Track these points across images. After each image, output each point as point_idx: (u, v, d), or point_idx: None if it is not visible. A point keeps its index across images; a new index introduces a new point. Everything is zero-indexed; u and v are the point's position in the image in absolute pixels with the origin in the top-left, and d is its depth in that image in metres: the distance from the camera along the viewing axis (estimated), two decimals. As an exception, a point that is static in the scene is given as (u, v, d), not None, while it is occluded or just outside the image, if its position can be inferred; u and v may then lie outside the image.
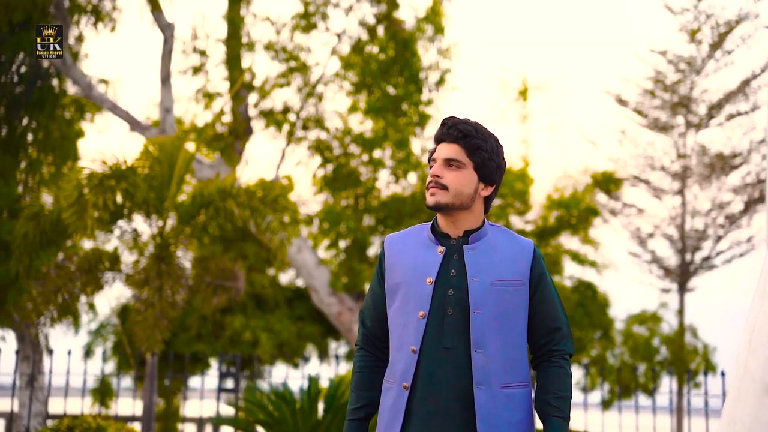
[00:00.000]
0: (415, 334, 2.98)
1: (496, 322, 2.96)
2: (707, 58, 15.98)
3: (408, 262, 3.08)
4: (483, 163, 3.03)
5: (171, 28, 14.84)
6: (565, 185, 18.29)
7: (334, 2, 17.02)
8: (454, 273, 3.01)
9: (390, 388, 3.04)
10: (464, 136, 3.02)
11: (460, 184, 3.02)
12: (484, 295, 2.97)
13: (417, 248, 3.09)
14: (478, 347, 2.94)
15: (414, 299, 3.01)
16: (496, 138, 3.09)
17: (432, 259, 3.04)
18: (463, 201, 3.03)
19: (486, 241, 3.06)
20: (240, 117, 16.75)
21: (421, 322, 2.98)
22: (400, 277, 3.07)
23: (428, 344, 2.97)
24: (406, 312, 3.02)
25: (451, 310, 2.98)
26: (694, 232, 16.28)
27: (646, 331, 17.53)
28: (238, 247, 11.17)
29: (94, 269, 9.66)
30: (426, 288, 3.00)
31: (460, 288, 2.99)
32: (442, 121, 3.09)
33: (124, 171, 9.31)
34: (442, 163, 3.04)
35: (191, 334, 16.35)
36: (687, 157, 16.33)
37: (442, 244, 3.08)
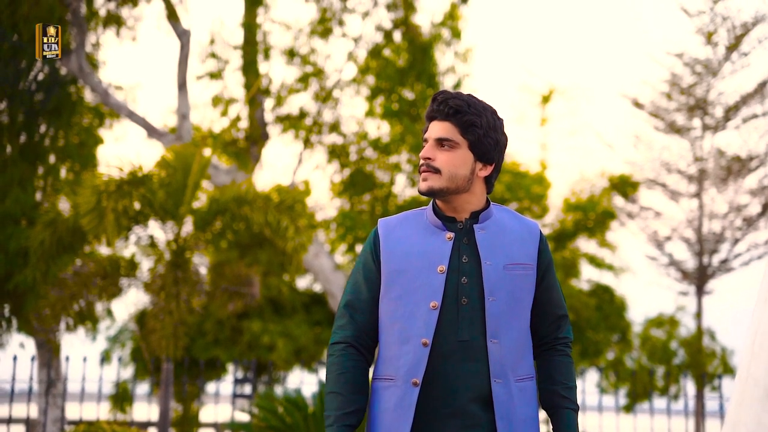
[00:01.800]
0: (426, 326, 2.71)
1: (509, 309, 2.76)
2: (723, 61, 15.91)
3: (412, 249, 2.79)
4: (478, 141, 2.75)
5: (187, 35, 14.94)
6: (582, 189, 18.27)
7: (350, 8, 17.09)
8: (466, 259, 2.77)
9: (390, 386, 2.75)
10: (456, 113, 2.75)
11: (454, 165, 2.75)
12: (498, 280, 2.76)
13: (420, 234, 2.81)
14: (493, 337, 2.73)
15: (422, 289, 2.74)
16: (492, 111, 2.81)
17: (441, 246, 2.77)
18: (459, 184, 2.76)
19: (494, 221, 2.83)
20: (256, 122, 16.84)
21: (433, 314, 2.71)
22: (401, 264, 2.78)
23: (440, 337, 2.71)
24: (412, 302, 2.74)
25: (465, 299, 2.74)
26: (711, 234, 16.21)
27: (664, 335, 17.47)
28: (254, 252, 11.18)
29: (111, 275, 9.75)
30: (437, 277, 2.74)
31: (473, 275, 2.75)
32: (433, 96, 2.81)
33: (141, 177, 9.41)
34: (433, 143, 2.77)
35: (208, 339, 16.43)
36: (704, 160, 16.26)
37: (450, 229, 2.81)
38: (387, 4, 16.98)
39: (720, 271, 16.18)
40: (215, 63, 17.52)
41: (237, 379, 15.72)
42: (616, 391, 10.89)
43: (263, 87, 16.98)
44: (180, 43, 14.99)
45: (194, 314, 9.53)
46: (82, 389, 8.43)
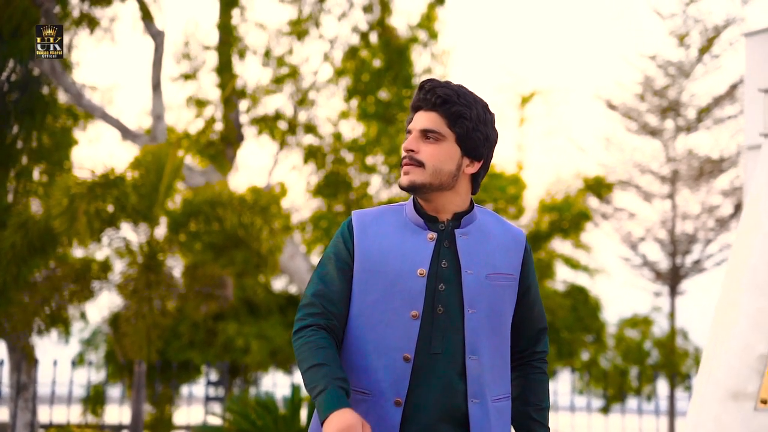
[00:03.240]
0: (407, 339, 2.45)
1: (489, 322, 2.51)
2: (695, 63, 16.06)
3: (390, 248, 2.53)
4: (467, 135, 2.51)
5: (161, 35, 14.87)
6: (558, 190, 18.36)
7: (326, 9, 17.08)
8: (446, 264, 2.51)
9: (365, 400, 2.47)
10: (443, 102, 2.50)
11: (439, 159, 2.50)
12: (479, 291, 2.51)
13: (398, 232, 2.55)
14: (473, 353, 2.47)
15: (402, 295, 2.47)
16: (484, 104, 2.57)
17: (422, 247, 2.52)
18: (443, 180, 2.51)
19: (477, 226, 2.58)
20: (232, 124, 16.80)
21: (414, 325, 2.45)
22: (378, 265, 2.51)
23: (416, 349, 2.46)
24: (391, 310, 2.47)
25: (441, 308, 2.48)
26: (684, 235, 16.34)
27: (638, 335, 17.58)
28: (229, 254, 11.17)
29: (84, 278, 9.69)
30: (417, 282, 2.48)
31: (452, 282, 2.49)
32: (420, 84, 2.58)
33: (114, 179, 9.36)
34: (417, 135, 2.52)
35: (183, 341, 16.37)
36: (676, 161, 16.39)
37: (432, 228, 2.55)
38: (363, 5, 16.98)
39: (693, 272, 16.32)
40: (190, 64, 17.47)
41: (210, 381, 15.63)
42: (589, 392, 10.96)
43: (238, 88, 16.94)
44: (154, 43, 14.92)
45: (167, 317, 9.48)
46: (52, 392, 8.39)
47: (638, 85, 16.59)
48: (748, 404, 3.46)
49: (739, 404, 3.47)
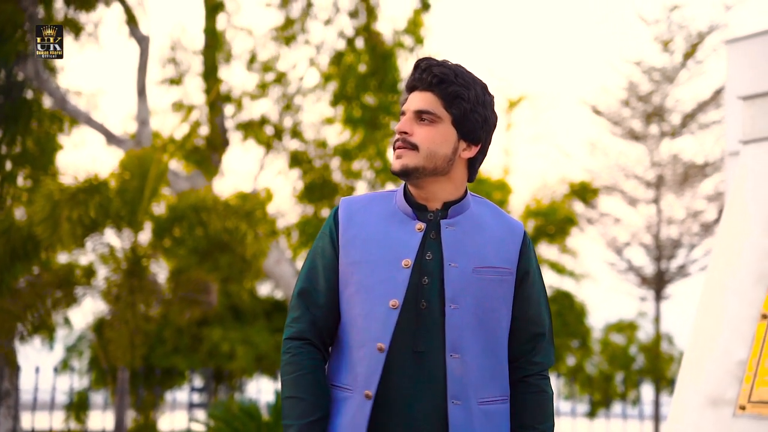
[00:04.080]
0: (384, 328, 2.32)
1: (476, 319, 2.35)
2: (680, 68, 16.14)
3: (374, 237, 2.40)
4: (464, 116, 2.36)
5: (146, 40, 14.86)
6: (544, 195, 18.41)
7: (313, 14, 17.08)
8: (430, 256, 2.36)
9: (347, 397, 2.36)
10: (440, 82, 2.35)
11: (434, 142, 2.35)
12: (464, 285, 2.35)
13: (385, 220, 2.42)
14: (454, 351, 2.32)
15: (382, 285, 2.35)
16: (483, 85, 2.42)
17: (409, 237, 2.37)
18: (438, 164, 2.36)
19: (468, 216, 2.42)
20: (217, 129, 16.77)
21: (392, 314, 2.32)
22: (361, 254, 2.39)
23: (398, 345, 2.32)
24: (370, 300, 2.35)
25: (425, 303, 2.34)
26: (669, 240, 16.40)
27: (624, 340, 17.63)
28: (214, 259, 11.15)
29: (67, 284, 9.66)
30: (401, 272, 2.34)
31: (435, 275, 2.35)
32: (415, 62, 2.42)
33: (97, 185, 9.33)
34: (412, 116, 2.38)
35: (168, 347, 16.32)
36: (661, 166, 16.46)
37: (421, 218, 2.41)
38: (349, 11, 16.99)
39: (678, 276, 16.37)
40: (176, 68, 17.44)
41: (193, 388, 15.56)
42: (574, 397, 10.98)
43: (224, 93, 16.92)
44: (139, 48, 14.90)
45: (151, 322, 9.45)
46: (34, 399, 8.35)
47: (623, 91, 16.66)
48: (726, 410, 3.47)
49: (718, 410, 3.48)
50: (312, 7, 16.88)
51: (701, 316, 3.74)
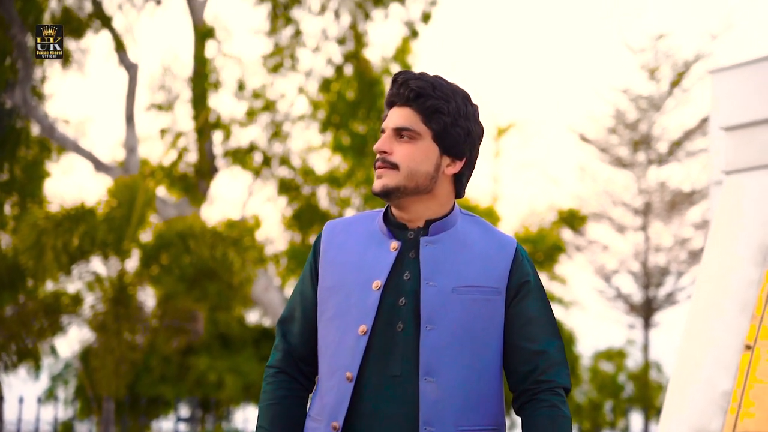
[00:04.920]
0: (352, 356, 2.22)
1: (456, 341, 2.21)
2: (666, 96, 16.25)
3: (350, 259, 2.30)
4: (444, 131, 2.25)
5: (135, 68, 14.90)
6: (532, 222, 18.44)
7: (301, 42, 17.15)
8: (408, 276, 2.25)
9: (316, 428, 2.28)
10: (417, 96, 2.25)
11: (415, 160, 2.24)
12: (442, 305, 2.21)
13: (364, 242, 2.31)
14: (429, 374, 2.19)
15: (354, 310, 2.25)
16: (465, 95, 2.31)
17: (382, 258, 2.27)
18: (420, 182, 2.25)
19: (452, 234, 2.29)
20: (205, 155, 16.78)
21: (361, 340, 2.21)
22: (337, 278, 2.29)
23: (369, 370, 2.22)
24: (342, 326, 2.25)
25: (401, 324, 2.22)
26: (657, 268, 16.43)
27: (613, 368, 17.59)
28: (202, 286, 11.12)
29: (53, 313, 9.60)
30: (371, 295, 2.24)
31: (413, 296, 2.24)
32: (393, 77, 2.31)
33: (83, 213, 9.30)
34: (391, 133, 2.27)
35: (155, 376, 16.21)
36: (648, 193, 16.52)
37: (397, 237, 2.30)
38: (337, 38, 17.06)
39: (666, 304, 16.38)
40: (165, 95, 17.47)
41: (180, 417, 15.45)
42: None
43: (212, 120, 16.94)
44: (128, 75, 14.93)
45: (137, 351, 9.39)
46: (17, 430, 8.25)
47: (611, 118, 16.76)
48: (712, 442, 3.46)
49: (703, 442, 3.47)
50: (301, 35, 16.95)
51: (686, 346, 3.73)
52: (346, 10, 16.74)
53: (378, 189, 2.26)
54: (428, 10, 16.69)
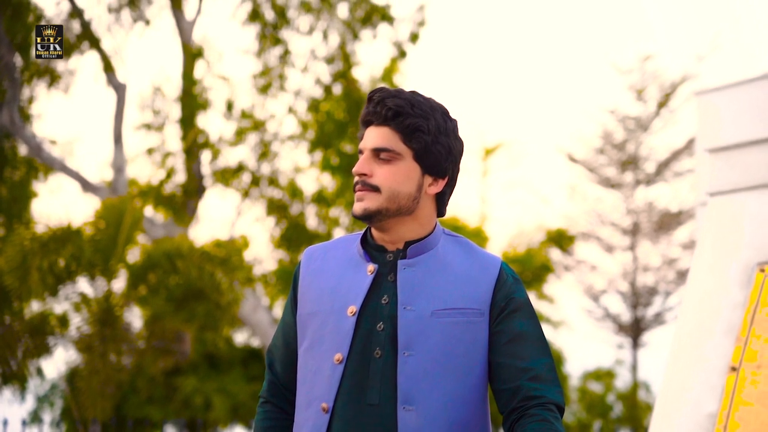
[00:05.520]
0: (328, 386, 2.15)
1: (437, 367, 2.12)
2: (654, 116, 16.35)
3: (327, 285, 2.23)
4: (426, 150, 2.17)
5: (123, 88, 14.89)
6: (520, 242, 18.46)
7: (290, 62, 17.19)
8: (386, 300, 2.17)
9: None
10: (396, 115, 2.16)
11: (396, 181, 2.16)
12: (421, 329, 2.13)
13: (341, 266, 2.24)
14: (407, 402, 2.10)
15: (329, 337, 2.17)
16: (443, 111, 2.23)
17: (359, 282, 2.19)
18: (402, 204, 2.17)
19: (432, 256, 2.21)
20: (194, 176, 16.77)
21: (337, 369, 2.14)
22: (314, 306, 2.23)
23: (346, 400, 2.13)
24: (319, 355, 2.18)
25: (379, 351, 2.14)
26: (645, 288, 16.46)
27: (602, 388, 17.58)
28: (190, 306, 11.09)
29: (40, 334, 9.55)
30: (346, 321, 2.16)
31: (391, 321, 2.15)
32: (368, 95, 2.23)
33: (69, 233, 9.28)
34: (369, 155, 2.19)
35: (142, 397, 16.12)
36: (636, 213, 16.57)
37: (375, 260, 2.22)
38: (326, 58, 17.11)
39: (654, 324, 16.40)
40: (153, 115, 17.47)
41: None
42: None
43: (200, 141, 16.93)
44: (116, 95, 14.93)
45: (123, 372, 9.34)
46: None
47: (599, 139, 16.83)
48: (697, 465, 3.45)
49: (689, 465, 3.46)
50: (289, 55, 16.98)
51: (672, 368, 3.73)
52: (335, 30, 16.79)
53: (359, 212, 2.18)
54: (416, 31, 16.75)
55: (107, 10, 15.21)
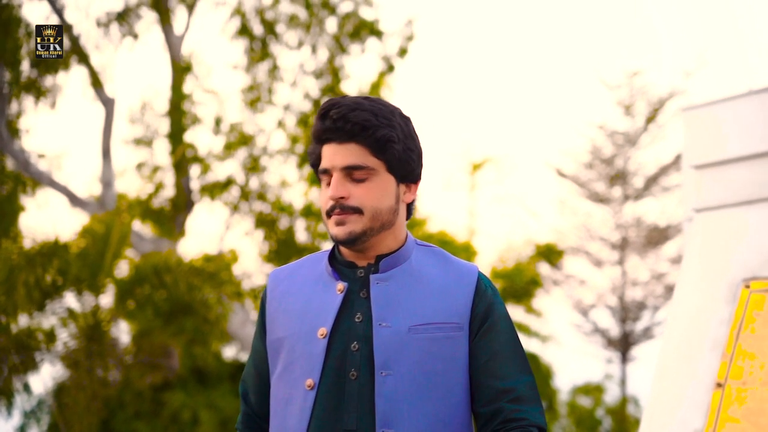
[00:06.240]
0: (300, 415, 2.02)
1: (417, 386, 2.00)
2: (642, 132, 16.42)
3: (294, 307, 2.11)
4: (398, 159, 2.06)
5: (112, 102, 14.89)
6: (509, 257, 18.47)
7: (278, 77, 17.21)
8: (360, 318, 2.05)
9: None
10: (363, 129, 2.01)
11: (376, 199, 2.05)
12: (398, 347, 2.01)
13: (309, 287, 2.12)
14: (386, 425, 1.98)
15: (299, 362, 2.05)
16: (400, 113, 2.10)
17: (328, 302, 2.07)
18: (385, 220, 2.07)
19: (405, 269, 2.09)
20: (182, 190, 16.75)
21: (309, 396, 2.02)
22: (282, 330, 2.10)
23: (320, 427, 2.01)
24: (290, 382, 2.06)
25: (354, 372, 2.02)
26: (634, 302, 16.49)
27: (591, 403, 17.58)
28: (178, 321, 11.06)
29: (26, 349, 9.51)
30: (317, 344, 2.04)
31: (366, 339, 2.03)
32: (321, 110, 2.06)
33: (55, 248, 9.25)
34: (340, 175, 2.04)
35: (129, 412, 16.04)
36: (625, 228, 16.61)
37: (344, 277, 2.11)
38: (314, 72, 17.14)
39: (643, 338, 16.42)
40: (142, 130, 17.48)
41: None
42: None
43: (189, 155, 16.92)
44: (105, 110, 14.92)
45: (109, 388, 9.30)
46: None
47: (587, 154, 16.89)
48: (684, 481, 3.45)
49: (675, 481, 3.46)
50: (278, 69, 17.01)
51: (658, 384, 3.74)
52: (324, 44, 16.83)
53: (344, 236, 2.04)
54: (405, 45, 16.80)
55: (96, 25, 15.22)
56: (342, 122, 2.02)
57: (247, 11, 16.77)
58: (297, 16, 16.74)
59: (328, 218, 2.06)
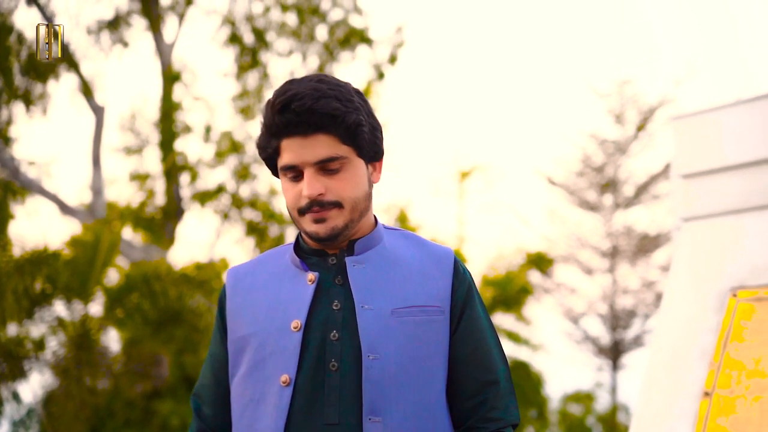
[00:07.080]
0: (276, 413, 1.90)
1: (402, 372, 1.91)
2: (632, 140, 16.47)
3: (261, 302, 1.98)
4: (368, 142, 1.96)
5: (102, 111, 14.87)
6: (500, 265, 18.48)
7: (268, 85, 17.22)
8: (338, 305, 1.94)
9: None
10: (332, 118, 1.89)
11: (353, 189, 1.95)
12: (383, 330, 1.91)
13: (276, 280, 2.01)
14: (373, 413, 1.88)
15: (273, 359, 1.93)
16: (355, 90, 1.98)
17: (299, 294, 1.96)
18: (363, 207, 1.97)
19: (379, 251, 2.00)
20: (173, 198, 16.72)
21: (285, 393, 1.90)
22: (248, 327, 1.97)
23: (300, 423, 1.89)
24: (261, 380, 1.94)
25: (335, 363, 1.91)
26: (624, 310, 16.51)
27: (581, 411, 17.59)
28: (168, 329, 11.02)
29: (15, 357, 9.47)
30: (291, 338, 1.92)
31: (348, 326, 1.92)
32: (281, 103, 1.89)
33: (45, 256, 9.23)
34: (313, 171, 1.92)
35: (119, 420, 15.97)
36: (615, 236, 16.64)
37: (315, 267, 1.99)
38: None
39: (633, 346, 16.44)
40: (132, 138, 17.45)
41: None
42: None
43: (180, 163, 16.90)
44: (95, 118, 14.90)
45: (98, 396, 9.27)
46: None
47: (578, 162, 16.93)
48: (672, 490, 3.45)
49: (663, 490, 3.46)
50: (268, 77, 17.02)
51: (646, 393, 3.74)
52: (314, 52, 16.84)
53: (327, 233, 1.93)
54: (395, 52, 16.83)
55: (86, 32, 15.22)
56: (307, 115, 1.88)
57: (238, 19, 16.79)
58: (287, 24, 16.75)
59: (301, 216, 1.95)
